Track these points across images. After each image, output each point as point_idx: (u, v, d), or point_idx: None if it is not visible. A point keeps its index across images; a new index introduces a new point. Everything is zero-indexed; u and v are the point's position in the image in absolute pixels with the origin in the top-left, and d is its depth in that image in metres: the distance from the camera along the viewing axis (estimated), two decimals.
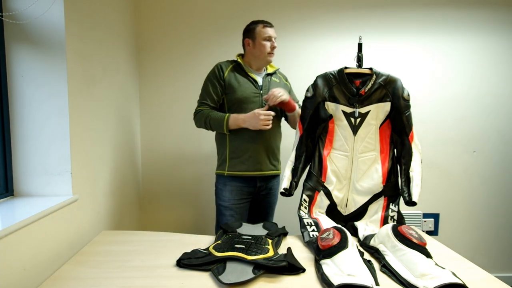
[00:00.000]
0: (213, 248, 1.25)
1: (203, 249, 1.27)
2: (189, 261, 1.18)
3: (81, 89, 1.49)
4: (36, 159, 1.36)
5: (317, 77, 1.65)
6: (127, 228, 2.09)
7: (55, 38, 1.33)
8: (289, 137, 1.76)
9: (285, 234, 1.50)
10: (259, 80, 1.78)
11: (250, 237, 1.35)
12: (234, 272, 1.10)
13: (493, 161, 2.49)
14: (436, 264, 1.13)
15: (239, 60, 1.78)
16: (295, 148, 1.66)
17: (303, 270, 1.16)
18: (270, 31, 1.73)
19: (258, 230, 1.50)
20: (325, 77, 1.63)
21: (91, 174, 1.59)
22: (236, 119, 1.67)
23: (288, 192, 1.57)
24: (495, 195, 2.51)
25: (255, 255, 1.18)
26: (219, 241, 1.33)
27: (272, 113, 1.65)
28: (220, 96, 1.75)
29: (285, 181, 1.58)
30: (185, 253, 1.23)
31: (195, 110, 1.78)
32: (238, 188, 1.76)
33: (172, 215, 2.40)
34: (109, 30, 1.86)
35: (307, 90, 1.65)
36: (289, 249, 1.29)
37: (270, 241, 1.34)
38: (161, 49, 2.35)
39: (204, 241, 1.43)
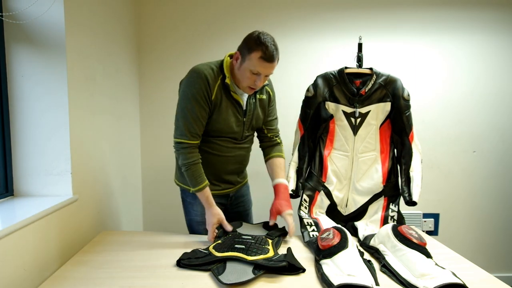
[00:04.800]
0: (213, 248, 1.25)
1: (203, 249, 1.27)
2: (189, 261, 1.18)
3: (81, 89, 1.49)
4: (36, 159, 1.36)
5: (317, 77, 1.65)
6: (127, 228, 2.09)
7: (55, 38, 1.33)
8: (289, 137, 1.75)
9: (284, 234, 1.50)
10: (244, 101, 1.45)
11: (250, 237, 1.35)
12: (234, 273, 1.10)
13: (493, 161, 2.49)
14: (436, 264, 1.13)
15: (227, 80, 1.38)
16: (297, 149, 1.66)
17: (303, 270, 1.17)
18: (263, 68, 1.31)
19: (258, 230, 1.50)
20: (326, 77, 1.64)
21: (91, 174, 1.59)
22: (205, 200, 1.40)
23: (295, 194, 1.57)
24: (495, 195, 2.51)
25: (255, 255, 1.18)
26: (219, 241, 1.33)
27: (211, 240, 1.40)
28: (206, 120, 1.41)
29: (291, 183, 1.58)
30: (185, 253, 1.23)
31: (179, 141, 1.39)
32: None
33: (172, 215, 2.40)
34: (110, 30, 1.86)
35: (308, 90, 1.65)
36: (289, 249, 1.29)
37: (270, 241, 1.34)
38: (162, 49, 2.34)
39: (203, 240, 1.43)
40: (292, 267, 1.15)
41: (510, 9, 2.39)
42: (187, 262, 1.18)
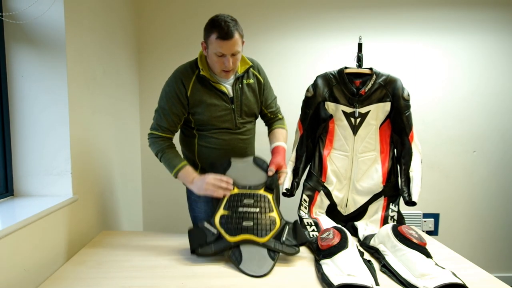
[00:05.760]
0: (220, 225, 1.27)
1: (209, 225, 1.28)
2: (204, 251, 1.22)
3: (81, 89, 1.49)
4: (36, 159, 1.36)
5: (317, 77, 1.65)
6: (127, 228, 2.09)
7: (55, 38, 1.33)
8: (289, 137, 1.75)
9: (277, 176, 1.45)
10: (229, 89, 1.45)
11: (252, 201, 1.32)
12: (253, 259, 1.18)
13: (493, 161, 2.49)
14: (436, 264, 1.13)
15: (202, 72, 1.41)
16: (295, 149, 1.65)
17: (309, 242, 1.31)
18: (224, 47, 1.31)
19: (252, 172, 1.43)
20: (325, 77, 1.64)
21: (91, 174, 1.59)
22: (186, 175, 1.40)
23: (289, 193, 1.57)
24: (495, 195, 2.51)
25: (266, 234, 1.25)
26: (223, 210, 1.30)
27: (229, 179, 1.35)
28: (182, 116, 1.45)
29: (286, 182, 1.58)
30: (192, 233, 1.27)
31: (151, 132, 1.47)
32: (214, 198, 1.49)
33: (172, 215, 2.40)
34: (110, 30, 1.86)
35: (307, 90, 1.65)
36: (296, 223, 1.32)
37: (270, 197, 1.35)
38: (161, 49, 2.34)
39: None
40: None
41: (511, 8, 2.39)
42: (202, 252, 1.22)
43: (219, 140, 1.48)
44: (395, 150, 1.64)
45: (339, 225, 1.38)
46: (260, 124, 1.67)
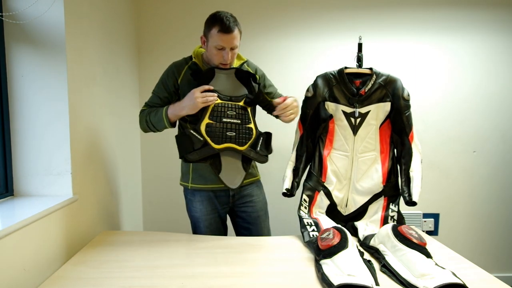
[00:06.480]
0: (206, 133, 1.37)
1: (195, 132, 1.37)
2: (191, 157, 1.35)
3: (81, 89, 1.49)
4: (36, 159, 1.36)
5: (317, 77, 1.65)
6: (127, 228, 2.09)
7: (55, 38, 1.33)
8: (289, 137, 1.75)
9: (254, 79, 1.50)
10: None
11: (234, 113, 1.43)
12: (230, 170, 1.42)
13: (493, 161, 2.49)
14: (436, 264, 1.13)
15: (195, 60, 1.50)
16: (295, 148, 1.65)
17: (269, 133, 1.51)
18: (224, 40, 1.38)
19: (233, 84, 1.49)
20: (325, 77, 1.64)
21: (91, 174, 1.59)
22: (174, 106, 1.42)
23: (290, 193, 1.57)
24: (495, 195, 2.51)
25: (245, 142, 1.42)
26: (208, 119, 1.39)
27: (210, 87, 1.40)
28: (166, 102, 1.52)
29: (286, 182, 1.58)
30: (180, 139, 1.36)
31: (142, 108, 1.57)
32: (209, 197, 1.58)
33: (172, 215, 2.40)
34: (109, 30, 1.86)
35: (307, 90, 1.65)
36: (268, 135, 1.51)
37: (249, 111, 1.47)
38: (161, 49, 2.34)
39: (203, 241, 1.43)
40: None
41: (511, 8, 2.39)
42: (189, 157, 1.35)
43: None
44: (395, 150, 1.64)
45: (339, 225, 1.38)
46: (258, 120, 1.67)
